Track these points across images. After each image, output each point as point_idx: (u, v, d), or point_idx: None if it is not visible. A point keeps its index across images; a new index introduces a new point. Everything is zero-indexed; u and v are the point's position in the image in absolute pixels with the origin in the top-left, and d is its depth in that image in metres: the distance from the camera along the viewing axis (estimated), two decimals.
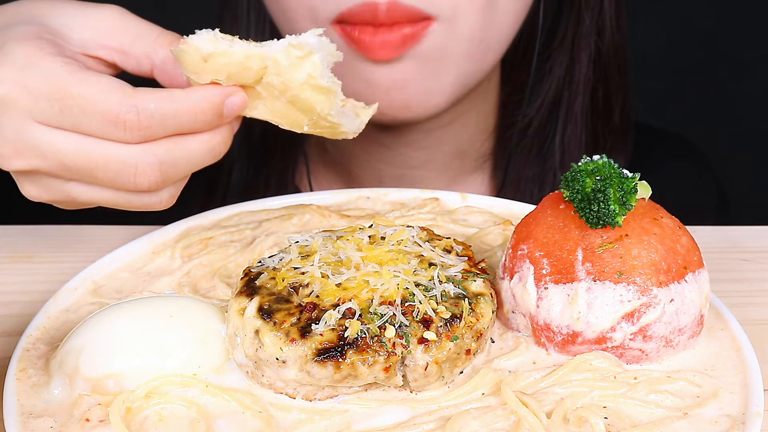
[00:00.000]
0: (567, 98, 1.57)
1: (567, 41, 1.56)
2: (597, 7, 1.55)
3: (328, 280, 0.92)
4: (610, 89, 1.61)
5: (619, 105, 1.63)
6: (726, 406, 0.89)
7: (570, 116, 1.57)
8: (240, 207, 1.20)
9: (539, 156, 1.60)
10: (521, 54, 1.59)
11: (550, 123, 1.59)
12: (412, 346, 0.88)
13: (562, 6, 1.56)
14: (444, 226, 1.16)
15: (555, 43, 1.56)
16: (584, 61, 1.56)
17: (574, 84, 1.57)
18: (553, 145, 1.58)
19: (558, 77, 1.57)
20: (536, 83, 1.58)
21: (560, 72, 1.57)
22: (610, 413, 0.87)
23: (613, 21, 1.56)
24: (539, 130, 1.59)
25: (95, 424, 0.87)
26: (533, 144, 1.60)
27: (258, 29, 1.60)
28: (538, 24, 1.54)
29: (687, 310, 0.93)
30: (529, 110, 1.59)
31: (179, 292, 1.05)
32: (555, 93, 1.57)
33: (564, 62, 1.57)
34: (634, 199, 0.93)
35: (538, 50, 1.56)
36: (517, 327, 0.97)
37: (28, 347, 0.96)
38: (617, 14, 1.57)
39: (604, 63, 1.58)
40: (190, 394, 0.89)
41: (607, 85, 1.60)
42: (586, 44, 1.55)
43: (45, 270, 1.17)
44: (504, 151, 1.63)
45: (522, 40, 1.55)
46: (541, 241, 0.95)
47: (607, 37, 1.56)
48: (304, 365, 0.87)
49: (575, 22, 1.55)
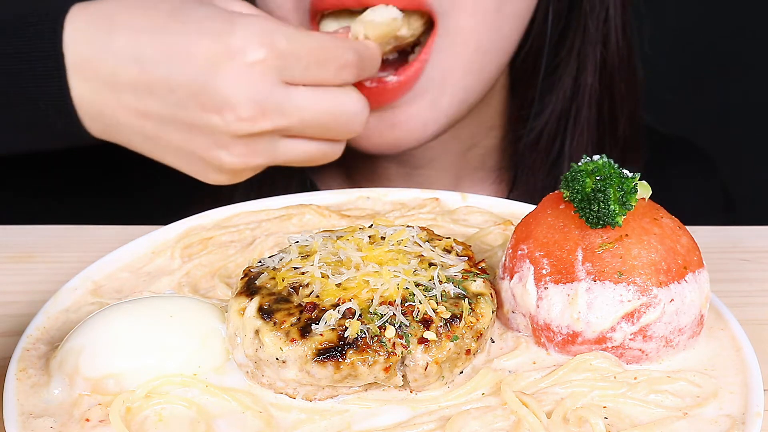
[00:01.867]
0: (574, 109, 1.57)
1: (574, 52, 1.56)
2: (602, 15, 1.54)
3: (328, 280, 0.92)
4: (616, 99, 1.60)
5: (624, 116, 1.62)
6: (726, 406, 0.89)
7: (577, 126, 1.57)
8: (240, 207, 1.20)
9: (545, 166, 1.59)
10: (530, 67, 1.58)
11: (558, 133, 1.58)
12: (412, 346, 0.88)
13: (570, 18, 1.56)
14: (444, 226, 1.16)
15: (562, 53, 1.56)
16: (590, 71, 1.55)
17: (581, 94, 1.56)
18: (561, 155, 1.58)
19: (565, 88, 1.57)
20: (545, 94, 1.58)
21: (568, 83, 1.57)
22: (610, 413, 0.87)
23: (618, 30, 1.56)
24: (546, 140, 1.59)
25: (95, 424, 0.87)
26: (540, 155, 1.60)
27: None
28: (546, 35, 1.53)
29: (687, 310, 0.93)
30: (537, 122, 1.58)
31: (179, 292, 1.05)
32: (562, 104, 1.57)
33: (571, 73, 1.56)
34: (634, 199, 0.93)
35: (546, 61, 1.56)
36: (517, 327, 0.97)
37: (28, 347, 0.96)
38: (623, 23, 1.56)
39: (610, 72, 1.57)
40: (190, 394, 0.89)
41: (612, 95, 1.59)
42: (592, 53, 1.55)
43: (45, 270, 1.17)
44: (510, 162, 1.63)
45: (531, 52, 1.55)
46: (541, 241, 0.95)
47: (612, 46, 1.56)
48: (304, 365, 0.87)
49: (581, 32, 1.55)
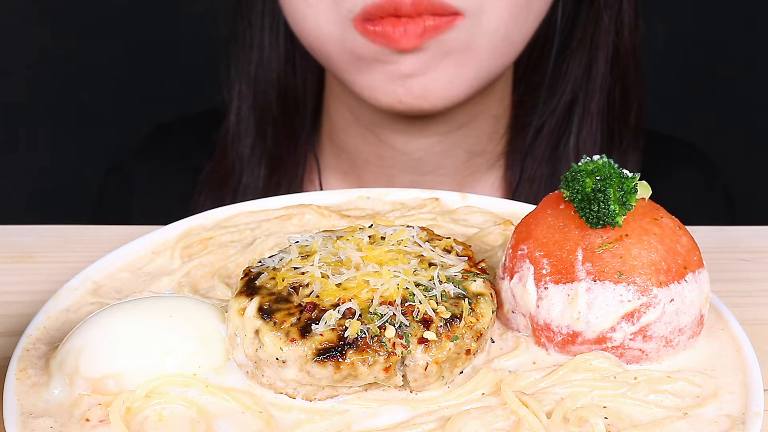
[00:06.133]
0: (583, 98, 1.58)
1: (585, 41, 1.56)
2: (616, 7, 1.55)
3: (328, 280, 0.92)
4: (628, 89, 1.61)
5: (636, 104, 1.63)
6: (726, 406, 0.89)
7: (586, 116, 1.58)
8: (240, 207, 1.20)
9: (553, 156, 1.60)
10: (537, 55, 1.59)
11: (566, 123, 1.59)
12: (412, 346, 0.88)
13: (579, 7, 1.56)
14: (444, 226, 1.16)
15: (573, 43, 1.56)
16: (602, 60, 1.56)
17: (592, 84, 1.57)
18: (567, 145, 1.58)
19: (575, 77, 1.57)
20: (552, 83, 1.58)
21: (578, 72, 1.57)
22: (610, 413, 0.87)
23: (631, 20, 1.57)
24: (554, 129, 1.59)
25: (95, 424, 0.87)
26: (548, 144, 1.60)
27: (272, 35, 1.60)
28: (556, 25, 1.54)
29: (687, 310, 0.93)
30: (545, 111, 1.59)
31: (179, 292, 1.05)
32: (572, 93, 1.58)
33: (582, 62, 1.57)
34: (634, 199, 0.93)
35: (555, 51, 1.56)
36: (517, 327, 0.97)
37: (28, 347, 0.96)
38: (635, 14, 1.57)
39: (623, 62, 1.58)
40: (190, 394, 0.89)
41: (624, 84, 1.60)
42: (605, 44, 1.55)
43: (45, 270, 1.17)
44: (517, 151, 1.63)
45: (538, 41, 1.55)
46: (541, 241, 0.95)
47: (625, 37, 1.57)
48: (304, 365, 0.87)
49: (594, 22, 1.55)
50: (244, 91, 1.64)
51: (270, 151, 1.64)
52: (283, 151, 1.65)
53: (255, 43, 1.61)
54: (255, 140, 1.64)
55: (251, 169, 1.65)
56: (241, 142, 1.65)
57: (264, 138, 1.64)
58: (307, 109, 1.67)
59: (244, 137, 1.64)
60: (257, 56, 1.62)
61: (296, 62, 1.63)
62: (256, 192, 1.63)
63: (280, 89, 1.63)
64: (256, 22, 1.61)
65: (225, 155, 1.67)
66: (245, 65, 1.63)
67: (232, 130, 1.66)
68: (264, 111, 1.64)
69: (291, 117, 1.65)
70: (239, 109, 1.65)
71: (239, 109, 1.65)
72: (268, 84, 1.62)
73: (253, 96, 1.63)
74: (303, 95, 1.66)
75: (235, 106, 1.65)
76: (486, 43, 1.40)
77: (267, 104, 1.63)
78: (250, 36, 1.61)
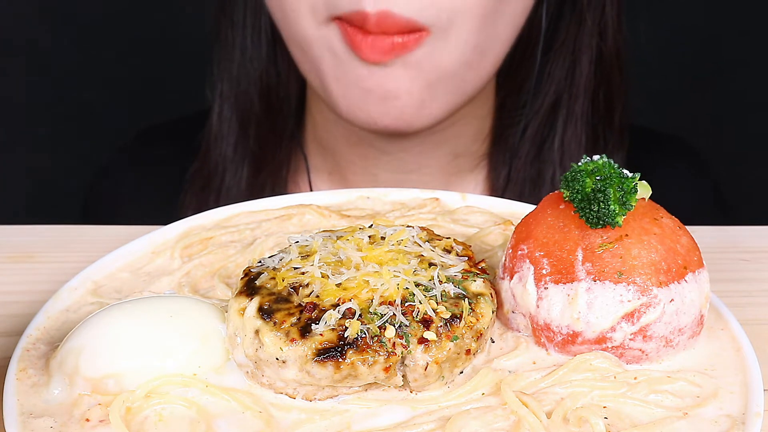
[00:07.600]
0: (567, 100, 1.57)
1: (568, 43, 1.56)
2: (599, 9, 1.55)
3: (328, 280, 0.92)
4: (612, 90, 1.61)
5: (620, 106, 1.63)
6: (726, 406, 0.89)
7: (570, 118, 1.58)
8: (240, 207, 1.20)
9: (538, 157, 1.60)
10: (519, 58, 1.59)
11: (550, 124, 1.59)
12: (412, 346, 0.88)
13: (563, 9, 1.56)
14: (444, 226, 1.16)
15: (556, 45, 1.56)
16: (585, 62, 1.56)
17: (575, 85, 1.57)
18: (552, 146, 1.58)
19: (559, 79, 1.57)
20: (536, 85, 1.58)
21: (561, 74, 1.57)
22: (610, 413, 0.87)
23: (614, 22, 1.56)
24: (538, 131, 1.59)
25: (95, 424, 0.87)
26: (532, 145, 1.60)
27: (254, 34, 1.60)
28: (541, 28, 1.53)
29: (687, 310, 0.93)
30: (529, 112, 1.58)
31: (179, 292, 1.05)
32: (555, 95, 1.57)
33: (565, 64, 1.57)
34: (634, 199, 0.93)
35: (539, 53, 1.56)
36: (517, 327, 0.97)
37: (28, 347, 0.96)
38: (618, 15, 1.57)
39: (606, 64, 1.58)
40: (190, 394, 0.89)
41: (609, 86, 1.60)
42: (588, 46, 1.55)
43: (45, 270, 1.17)
44: (501, 152, 1.63)
45: (520, 44, 1.55)
46: (541, 241, 0.95)
47: (609, 39, 1.56)
48: (304, 365, 0.87)
49: (576, 24, 1.55)
50: (226, 91, 1.62)
51: (253, 151, 1.64)
52: (267, 151, 1.64)
53: (237, 42, 1.60)
54: (237, 140, 1.63)
55: (234, 170, 1.64)
56: (224, 142, 1.63)
57: (246, 138, 1.63)
58: (290, 109, 1.66)
59: (226, 137, 1.63)
60: (239, 55, 1.61)
61: (279, 61, 1.62)
62: (239, 193, 1.62)
63: (262, 89, 1.62)
64: (238, 21, 1.60)
65: (208, 156, 1.66)
66: (227, 64, 1.62)
67: (214, 130, 1.65)
68: (246, 111, 1.62)
69: (274, 117, 1.64)
70: (221, 109, 1.63)
71: (221, 109, 1.63)
72: (250, 83, 1.61)
73: (235, 96, 1.62)
74: (286, 95, 1.65)
75: (217, 105, 1.64)
76: (458, 56, 1.39)
77: (249, 104, 1.62)
78: (232, 35, 1.61)
